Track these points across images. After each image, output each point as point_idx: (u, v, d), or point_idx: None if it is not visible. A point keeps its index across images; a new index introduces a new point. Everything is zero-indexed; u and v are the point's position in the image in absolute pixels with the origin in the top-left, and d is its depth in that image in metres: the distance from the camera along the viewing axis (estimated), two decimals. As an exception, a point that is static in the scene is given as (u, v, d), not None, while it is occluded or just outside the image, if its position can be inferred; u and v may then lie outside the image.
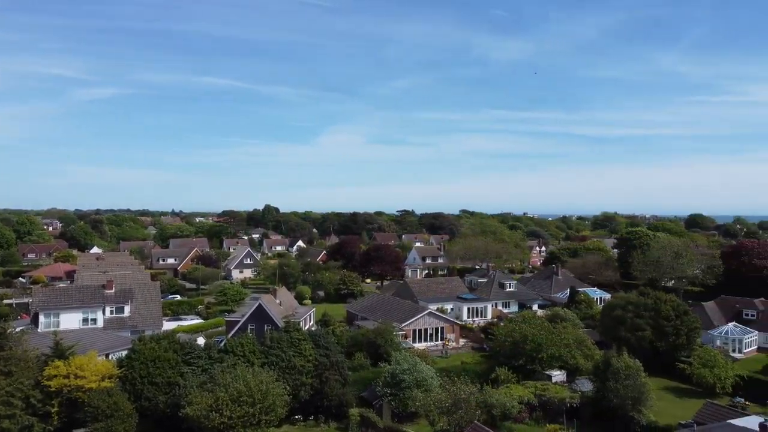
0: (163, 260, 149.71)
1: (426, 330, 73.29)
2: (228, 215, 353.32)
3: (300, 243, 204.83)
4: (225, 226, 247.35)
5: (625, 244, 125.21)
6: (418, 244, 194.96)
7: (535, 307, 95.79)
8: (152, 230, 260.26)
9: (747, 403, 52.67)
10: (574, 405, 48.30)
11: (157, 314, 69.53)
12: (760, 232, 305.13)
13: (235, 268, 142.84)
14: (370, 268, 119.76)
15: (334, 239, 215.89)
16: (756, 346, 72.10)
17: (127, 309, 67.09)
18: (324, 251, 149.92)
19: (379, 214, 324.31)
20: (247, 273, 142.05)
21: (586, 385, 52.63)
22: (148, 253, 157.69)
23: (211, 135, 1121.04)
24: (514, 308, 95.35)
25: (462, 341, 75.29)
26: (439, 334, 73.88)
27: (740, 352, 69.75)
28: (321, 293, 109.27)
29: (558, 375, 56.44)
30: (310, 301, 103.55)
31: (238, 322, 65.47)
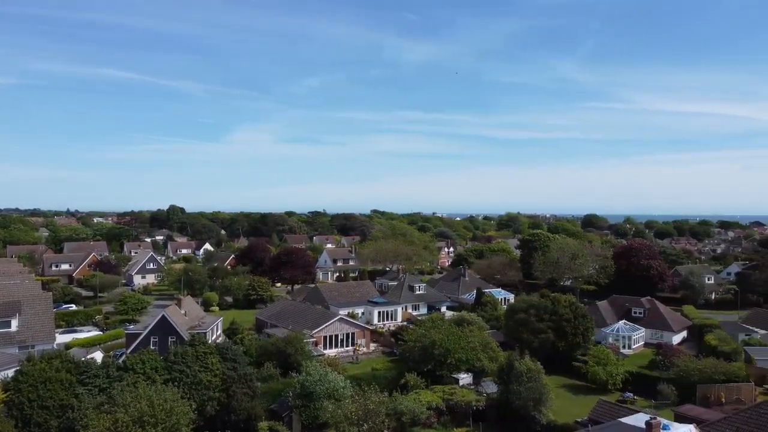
0: (57, 266, 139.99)
1: (337, 336, 73.21)
2: (130, 216, 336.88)
3: (207, 246, 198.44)
4: (126, 228, 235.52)
5: (527, 246, 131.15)
6: (329, 246, 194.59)
7: (443, 308, 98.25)
8: (44, 232, 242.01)
9: (635, 397, 56.62)
10: (480, 408, 49.93)
11: (49, 327, 64.97)
12: (647, 231, 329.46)
13: (137, 273, 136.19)
14: (281, 272, 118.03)
15: (243, 241, 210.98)
16: (643, 342, 77.67)
17: (14, 323, 62.22)
18: (233, 255, 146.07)
19: (289, 214, 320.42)
20: (150, 279, 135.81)
21: (491, 387, 54.63)
22: (40, 258, 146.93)
23: (110, 130, 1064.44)
24: (423, 310, 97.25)
25: (373, 346, 75.85)
26: (350, 340, 74.04)
27: (629, 348, 74.96)
28: (229, 299, 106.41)
29: (465, 378, 58.11)
30: (217, 308, 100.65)
31: (140, 334, 62.38)
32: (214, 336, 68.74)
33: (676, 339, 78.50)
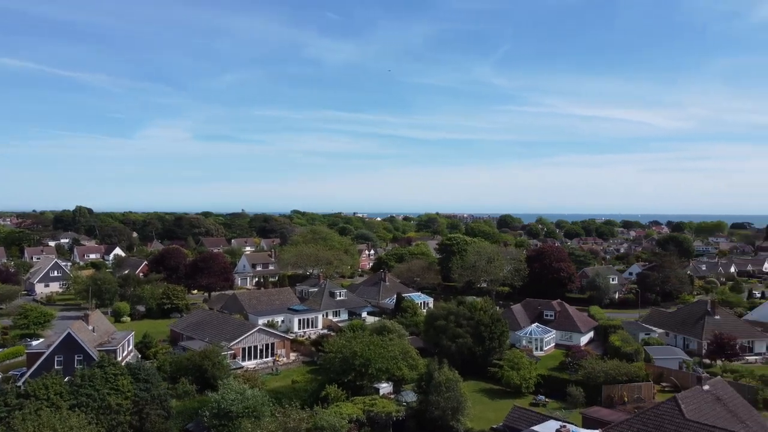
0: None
1: (256, 347, 71.84)
2: (31, 217, 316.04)
3: (118, 250, 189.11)
4: (27, 232, 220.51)
5: (446, 249, 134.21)
6: (248, 250, 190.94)
7: (364, 314, 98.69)
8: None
9: (547, 400, 59.23)
10: (400, 418, 50.58)
11: (-63, 348, 59.76)
12: (557, 231, 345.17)
13: (40, 282, 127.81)
14: (197, 279, 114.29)
15: (157, 245, 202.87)
16: (554, 344, 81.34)
17: None
18: (145, 261, 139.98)
19: (206, 215, 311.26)
20: (55, 287, 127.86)
21: (410, 396, 55.43)
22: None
23: (7, 123, 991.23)
24: (344, 316, 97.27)
25: (293, 356, 75.03)
26: (270, 350, 72.87)
27: (541, 349, 78.31)
28: (142, 309, 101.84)
29: (385, 387, 58.64)
30: (128, 319, 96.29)
31: (43, 353, 58.50)
32: (125, 352, 65.67)
33: (584, 339, 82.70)
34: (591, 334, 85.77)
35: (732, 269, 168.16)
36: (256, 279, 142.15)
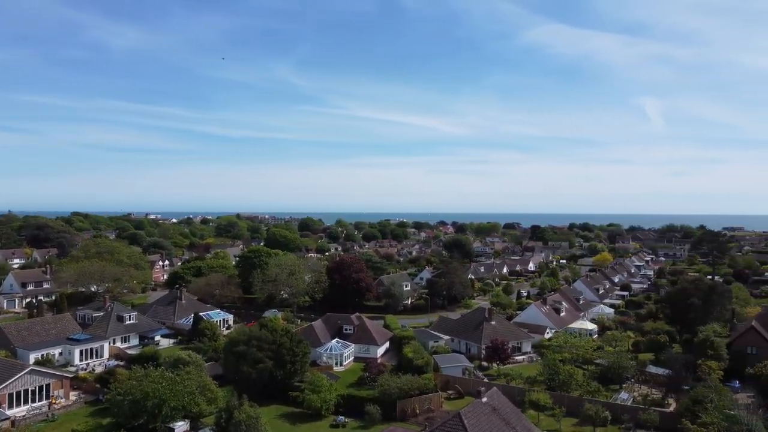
0: None
1: (27, 390, 63.14)
2: None
3: None
4: None
5: (247, 262, 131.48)
6: (17, 263, 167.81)
7: (158, 337, 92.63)
8: None
9: (347, 420, 61.03)
10: (198, 461, 48.41)
11: None
12: (356, 232, 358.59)
13: None
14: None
15: None
16: (353, 357, 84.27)
17: None
18: None
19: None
20: None
21: (208, 434, 53.37)
22: None
23: None
24: (135, 341, 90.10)
25: (74, 395, 67.39)
26: (45, 392, 64.59)
27: (342, 364, 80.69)
28: None
29: (181, 426, 55.50)
30: None
31: None
32: None
33: (380, 351, 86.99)
34: (387, 344, 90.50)
35: (504, 269, 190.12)
36: (28, 299, 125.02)
